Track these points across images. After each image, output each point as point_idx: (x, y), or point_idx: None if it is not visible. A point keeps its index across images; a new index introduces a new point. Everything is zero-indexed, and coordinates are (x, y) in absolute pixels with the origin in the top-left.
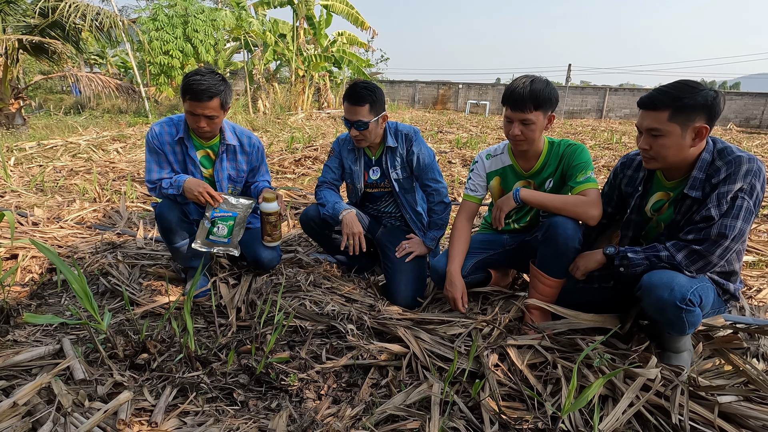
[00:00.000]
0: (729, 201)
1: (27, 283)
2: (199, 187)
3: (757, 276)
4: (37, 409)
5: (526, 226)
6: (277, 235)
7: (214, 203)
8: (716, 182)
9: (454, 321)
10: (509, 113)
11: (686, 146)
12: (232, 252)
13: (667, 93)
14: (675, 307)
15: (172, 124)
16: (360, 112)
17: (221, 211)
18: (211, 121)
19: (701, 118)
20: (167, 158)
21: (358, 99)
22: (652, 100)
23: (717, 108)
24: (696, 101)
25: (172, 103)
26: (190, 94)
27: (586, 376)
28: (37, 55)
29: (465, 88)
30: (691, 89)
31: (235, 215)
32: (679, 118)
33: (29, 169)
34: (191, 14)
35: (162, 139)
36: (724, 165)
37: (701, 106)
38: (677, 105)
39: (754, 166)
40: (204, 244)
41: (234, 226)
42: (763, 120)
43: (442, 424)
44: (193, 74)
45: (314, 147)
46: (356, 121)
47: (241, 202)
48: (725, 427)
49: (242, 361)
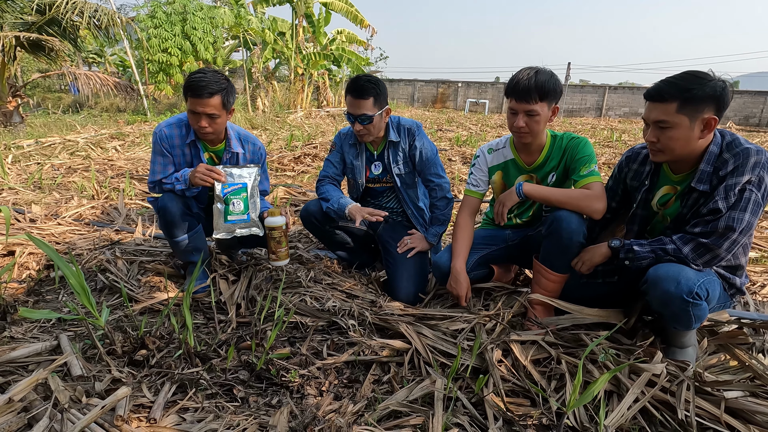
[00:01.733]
0: (737, 193)
1: (24, 280)
2: (201, 168)
3: (761, 272)
4: (33, 405)
5: (528, 221)
6: (283, 254)
7: (220, 178)
8: (723, 174)
9: (456, 316)
10: (514, 104)
11: (694, 138)
12: (255, 232)
13: (675, 84)
14: (681, 301)
15: (181, 125)
16: (364, 105)
17: (230, 186)
18: (212, 121)
19: (710, 109)
20: (173, 160)
21: (362, 92)
22: (660, 91)
23: (725, 99)
24: (704, 92)
25: (170, 101)
26: (191, 92)
27: (590, 372)
28: (35, 53)
29: (464, 86)
30: (699, 80)
31: (245, 185)
32: (687, 110)
33: (27, 167)
34: (190, 12)
35: (172, 142)
36: (732, 157)
37: (710, 96)
38: (685, 96)
39: (763, 158)
40: (225, 230)
41: (248, 198)
42: (762, 118)
43: (445, 420)
44: (196, 73)
45: (313, 145)
46: (360, 116)
47: (246, 170)
48: (732, 422)
49: (242, 357)
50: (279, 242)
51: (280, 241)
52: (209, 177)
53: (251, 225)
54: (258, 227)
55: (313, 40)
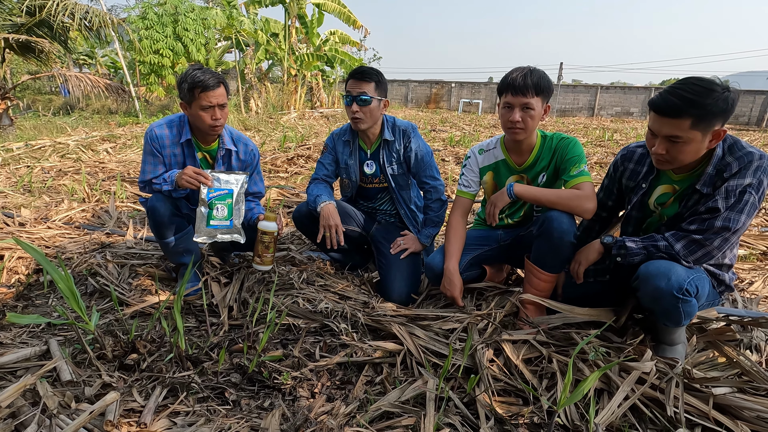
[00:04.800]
0: (737, 195)
1: (13, 285)
2: (189, 171)
3: (749, 269)
4: (22, 411)
5: (519, 221)
6: (268, 259)
7: (207, 182)
8: (727, 176)
9: (448, 317)
10: (509, 98)
11: (703, 149)
12: (236, 239)
13: (689, 100)
14: (672, 297)
15: (173, 125)
16: (365, 86)
17: (216, 190)
18: (222, 111)
19: (720, 121)
20: (164, 161)
21: (365, 75)
22: (673, 107)
23: (734, 109)
24: (718, 107)
25: (162, 102)
26: (200, 87)
27: (581, 370)
28: (24, 55)
29: (458, 87)
30: (711, 93)
31: (231, 191)
32: (701, 126)
33: (17, 170)
34: (181, 13)
35: (163, 142)
36: (735, 161)
37: (722, 111)
38: (700, 113)
39: (764, 162)
40: (206, 234)
41: (233, 204)
42: (751, 117)
43: (437, 420)
44: (192, 70)
45: (307, 146)
46: (360, 94)
47: (233, 177)
48: (720, 418)
49: (234, 360)
50: (267, 247)
51: (268, 247)
52: (196, 180)
53: (233, 231)
54: (240, 234)
55: (306, 41)
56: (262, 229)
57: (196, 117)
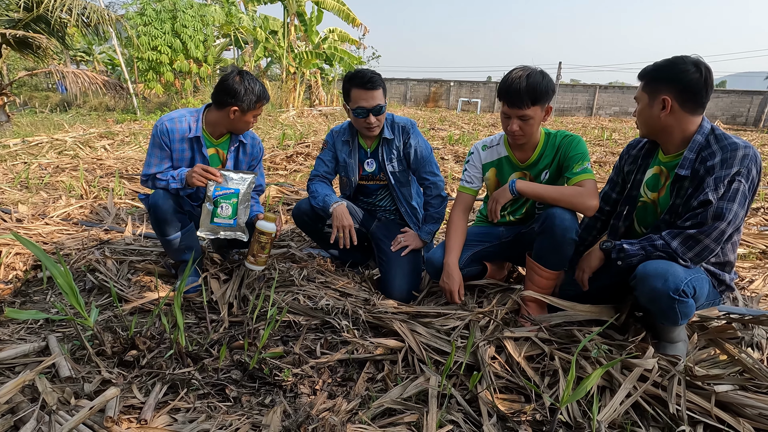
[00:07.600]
0: (726, 184)
1: (11, 281)
2: (198, 169)
3: (749, 267)
4: (20, 407)
5: (521, 218)
6: (262, 260)
7: (217, 179)
8: (711, 165)
9: (450, 314)
10: (507, 110)
11: (654, 116)
12: (240, 237)
13: (652, 65)
14: (668, 298)
15: (183, 120)
16: (377, 96)
17: (222, 189)
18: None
19: (668, 90)
20: (171, 155)
21: (374, 83)
22: (642, 70)
23: (688, 84)
24: (665, 74)
25: (161, 99)
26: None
27: (583, 368)
28: (21, 51)
29: (456, 85)
30: (670, 64)
31: (238, 191)
32: (648, 89)
33: (13, 167)
34: (180, 9)
35: (172, 137)
36: (720, 149)
37: (671, 79)
38: (650, 76)
39: (751, 151)
40: (209, 230)
41: (238, 204)
42: (749, 117)
43: (439, 417)
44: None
45: (306, 144)
46: (375, 107)
47: (241, 177)
48: (722, 416)
49: (235, 356)
50: (263, 248)
51: (264, 247)
52: (205, 178)
53: (236, 230)
54: (243, 233)
55: (305, 39)
56: (260, 229)
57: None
